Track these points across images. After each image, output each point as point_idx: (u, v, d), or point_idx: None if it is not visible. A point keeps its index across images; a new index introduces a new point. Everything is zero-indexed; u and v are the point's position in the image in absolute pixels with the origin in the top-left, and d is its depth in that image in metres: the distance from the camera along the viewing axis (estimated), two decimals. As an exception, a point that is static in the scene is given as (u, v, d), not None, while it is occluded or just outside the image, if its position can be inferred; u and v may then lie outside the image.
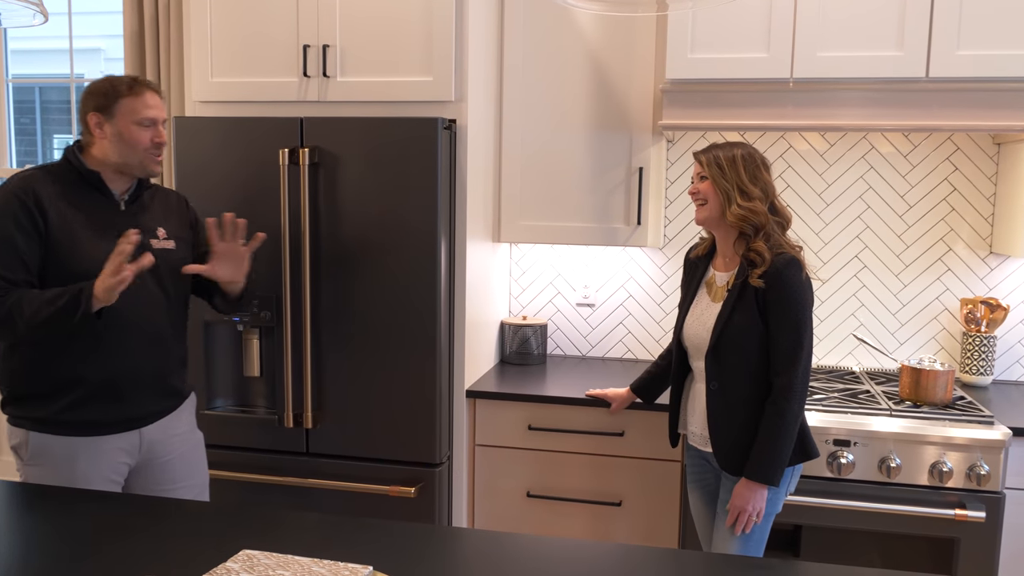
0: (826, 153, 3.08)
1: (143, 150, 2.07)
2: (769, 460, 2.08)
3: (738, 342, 2.12)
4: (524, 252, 3.35)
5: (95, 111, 2.07)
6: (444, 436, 2.73)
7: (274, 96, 2.77)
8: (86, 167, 2.07)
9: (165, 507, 1.80)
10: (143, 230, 2.13)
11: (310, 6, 2.70)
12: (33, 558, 1.55)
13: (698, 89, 2.69)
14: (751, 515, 2.11)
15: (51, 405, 2.04)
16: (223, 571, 1.38)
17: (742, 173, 2.13)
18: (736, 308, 2.13)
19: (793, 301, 2.08)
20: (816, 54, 2.61)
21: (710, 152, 2.18)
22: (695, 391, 2.27)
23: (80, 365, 2.04)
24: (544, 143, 2.99)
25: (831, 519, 2.50)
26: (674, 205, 3.21)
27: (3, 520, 1.72)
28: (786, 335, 2.08)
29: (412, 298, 2.64)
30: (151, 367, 2.14)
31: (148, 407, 2.15)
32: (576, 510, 2.78)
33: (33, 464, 2.06)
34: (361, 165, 2.62)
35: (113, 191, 2.11)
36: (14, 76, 3.89)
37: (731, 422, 2.15)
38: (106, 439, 2.09)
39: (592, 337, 3.34)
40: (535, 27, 2.95)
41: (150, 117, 2.07)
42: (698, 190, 2.20)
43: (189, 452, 2.27)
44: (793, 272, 2.08)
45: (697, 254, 2.33)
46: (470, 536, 1.67)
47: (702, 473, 2.33)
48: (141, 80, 2.10)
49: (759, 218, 2.12)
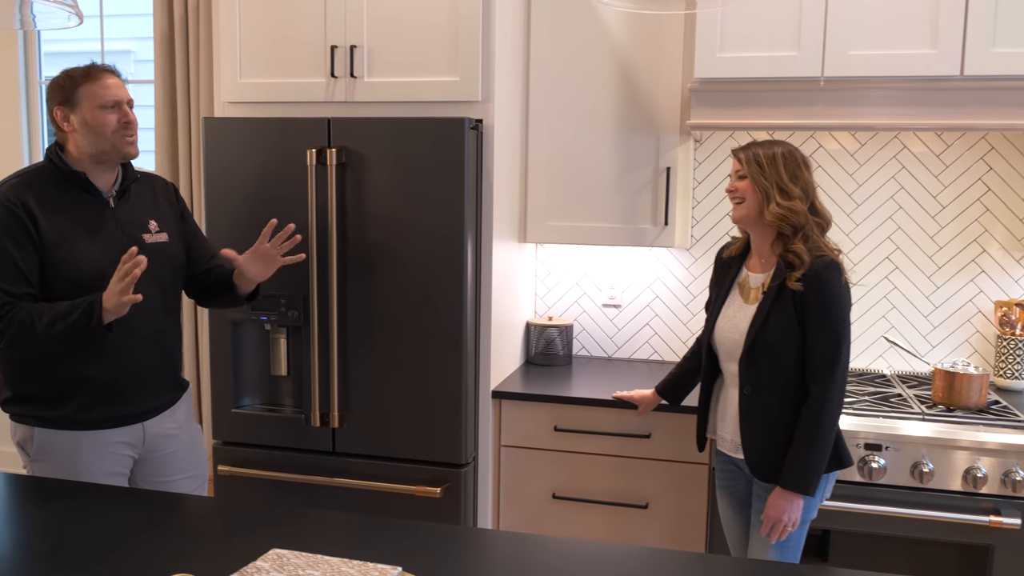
0: (857, 153, 3.04)
1: (112, 132, 2.04)
2: (805, 469, 2.04)
3: (773, 346, 2.08)
4: (550, 252, 3.34)
5: (59, 105, 2.05)
6: (470, 437, 2.73)
7: (302, 97, 2.78)
8: (70, 168, 2.06)
9: (195, 505, 1.81)
10: (134, 225, 2.13)
11: (338, 7, 2.71)
12: (64, 554, 1.57)
13: (727, 88, 2.67)
14: (786, 525, 2.07)
15: (59, 408, 2.07)
16: (253, 570, 1.38)
17: (782, 171, 2.09)
18: (772, 311, 2.08)
19: (832, 306, 2.03)
20: (847, 52, 2.57)
21: (749, 149, 2.14)
22: (726, 395, 2.24)
23: (87, 366, 2.06)
24: (570, 143, 2.98)
25: (861, 524, 2.46)
26: (702, 205, 3.18)
27: (31, 515, 1.74)
28: (824, 341, 2.04)
29: (438, 298, 2.64)
30: (153, 363, 2.17)
31: (151, 402, 2.19)
32: (602, 512, 2.76)
33: (39, 460, 2.09)
34: (388, 165, 2.62)
35: (100, 189, 2.10)
36: (47, 78, 3.95)
37: (764, 428, 2.11)
38: (110, 432, 2.12)
39: (618, 338, 3.32)
40: (562, 26, 2.94)
41: (112, 98, 2.04)
42: (736, 188, 2.15)
43: (189, 444, 2.30)
44: (833, 276, 2.04)
45: (730, 254, 2.28)
46: (497, 537, 1.66)
47: (732, 479, 2.29)
48: (97, 65, 2.08)
49: (798, 218, 2.07)
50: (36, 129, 3.93)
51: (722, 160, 3.14)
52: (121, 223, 2.12)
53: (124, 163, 2.15)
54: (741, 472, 2.26)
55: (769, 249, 2.16)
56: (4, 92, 3.91)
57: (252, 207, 2.72)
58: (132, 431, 2.16)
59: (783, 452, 2.09)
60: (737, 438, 2.18)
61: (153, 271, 2.13)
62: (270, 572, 1.38)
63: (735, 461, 2.25)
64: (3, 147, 3.95)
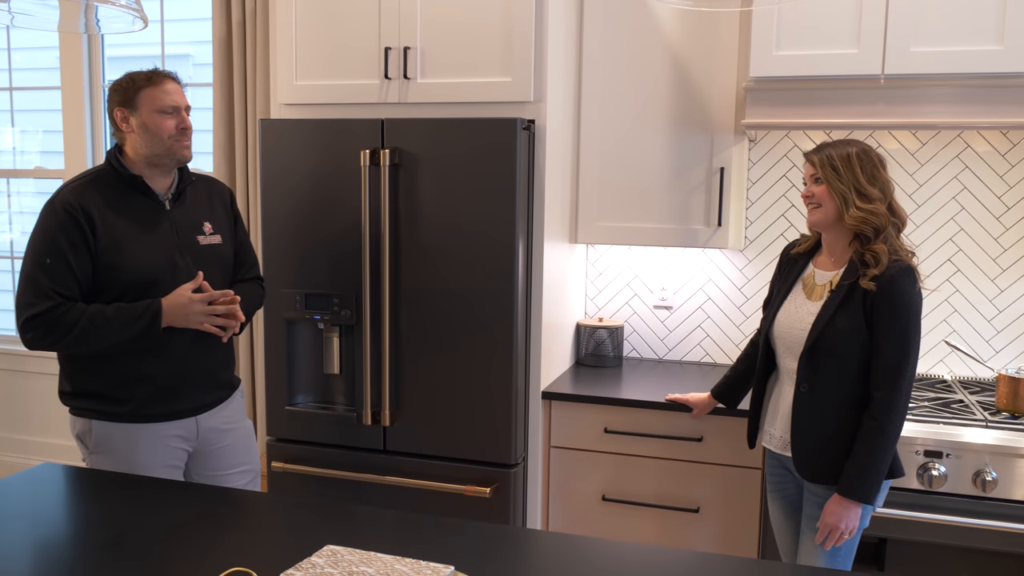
0: (918, 152, 2.96)
1: (168, 137, 2.11)
2: (866, 477, 1.99)
3: (837, 345, 2.03)
4: (600, 253, 3.32)
5: (119, 106, 2.12)
6: (519, 437, 2.73)
7: (356, 98, 2.81)
8: (128, 172, 2.13)
9: (250, 500, 1.84)
10: (189, 227, 2.20)
11: (392, 9, 2.74)
12: (122, 547, 1.61)
13: (783, 87, 2.62)
14: (843, 533, 2.03)
15: (117, 405, 2.13)
16: (308, 565, 1.40)
17: (859, 173, 2.03)
18: (840, 310, 2.03)
19: (903, 312, 1.98)
20: (909, 49, 2.51)
21: (823, 151, 2.07)
22: (780, 392, 2.20)
23: (143, 365, 2.13)
24: (623, 143, 2.96)
25: (919, 533, 2.40)
26: (755, 206, 3.13)
27: (89, 508, 1.79)
28: (892, 347, 1.98)
29: (489, 298, 2.64)
30: (206, 362, 2.23)
31: (204, 398, 2.25)
32: (652, 516, 2.74)
33: (97, 452, 2.15)
34: (440, 166, 2.64)
35: (157, 192, 2.17)
36: (110, 81, 4.06)
37: (818, 428, 2.07)
38: (165, 426, 2.18)
39: (669, 340, 3.29)
40: (615, 25, 2.93)
41: (171, 104, 2.11)
42: (812, 193, 2.09)
43: (242, 439, 2.36)
44: (908, 282, 1.99)
45: (798, 251, 2.24)
46: (548, 538, 1.66)
47: (782, 483, 2.26)
48: (159, 71, 2.15)
49: (880, 220, 2.01)
50: (99, 132, 4.04)
51: (777, 160, 3.09)
52: (176, 225, 2.18)
53: (180, 166, 2.22)
54: (791, 475, 2.22)
55: (843, 249, 2.10)
56: (69, 96, 4.02)
57: (307, 207, 2.76)
58: (186, 425, 2.22)
59: (833, 454, 2.05)
60: (787, 435, 2.15)
61: (207, 272, 2.20)
62: (325, 568, 1.39)
63: (784, 462, 2.22)
64: (69, 149, 4.06)
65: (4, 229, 4.46)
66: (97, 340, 2.03)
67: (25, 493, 1.86)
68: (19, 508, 1.77)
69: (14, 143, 4.39)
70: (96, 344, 2.04)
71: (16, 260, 4.41)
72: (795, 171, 3.08)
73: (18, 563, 1.53)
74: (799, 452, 2.10)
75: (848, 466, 2.01)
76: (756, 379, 2.28)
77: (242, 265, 2.42)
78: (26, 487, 1.90)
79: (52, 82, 4.19)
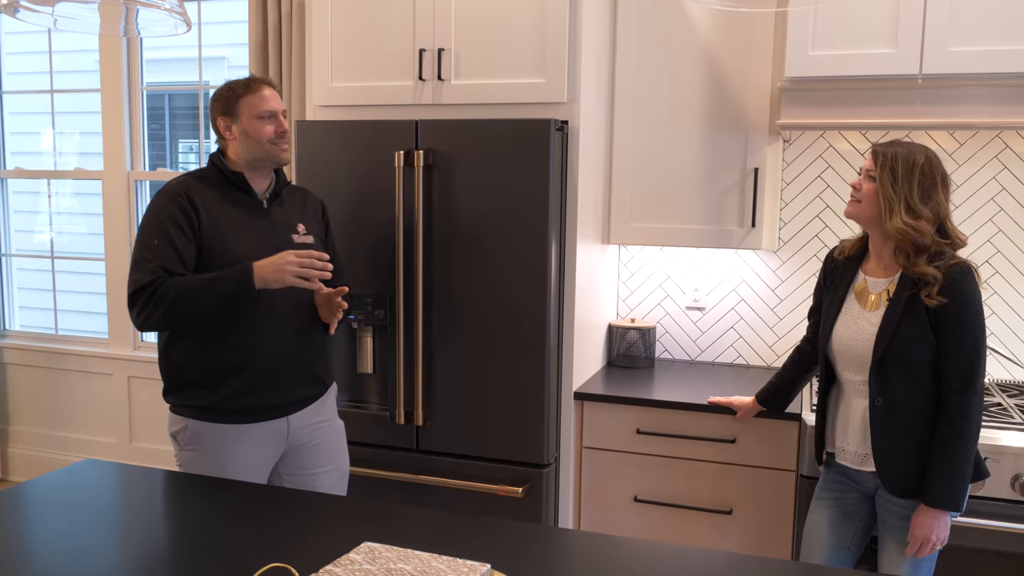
0: (955, 153, 2.93)
1: (268, 141, 2.20)
2: (954, 485, 1.95)
3: (907, 357, 1.98)
4: (633, 254, 3.32)
5: (221, 115, 2.22)
6: (552, 437, 2.74)
7: (390, 100, 2.84)
8: (230, 169, 2.22)
9: (288, 497, 1.87)
10: (284, 225, 2.27)
11: (426, 11, 2.76)
12: (167, 543, 1.64)
13: (819, 87, 2.61)
14: (935, 544, 1.98)
15: (212, 395, 2.18)
16: (347, 562, 1.42)
17: (915, 187, 1.96)
18: (904, 320, 1.99)
19: (969, 314, 1.94)
20: (947, 49, 2.48)
21: (891, 149, 2.00)
22: (848, 406, 2.14)
23: (238, 356, 2.17)
24: (656, 143, 2.95)
25: (958, 537, 2.37)
26: (790, 207, 3.11)
27: (127, 503, 1.82)
28: (963, 351, 1.95)
29: (522, 299, 2.65)
30: (298, 357, 2.26)
31: (294, 395, 2.27)
32: (684, 517, 2.73)
33: (188, 449, 2.20)
34: (474, 167, 2.65)
35: (256, 191, 2.25)
36: (148, 84, 4.12)
37: (898, 440, 2.02)
38: (255, 427, 2.21)
39: (702, 341, 3.28)
40: (649, 25, 2.92)
41: (269, 109, 2.20)
42: (858, 185, 2.04)
43: (332, 438, 2.39)
44: (970, 283, 1.95)
45: (843, 255, 2.18)
46: (583, 538, 1.67)
47: (843, 493, 2.19)
48: (256, 78, 2.23)
49: (923, 239, 1.96)
50: (137, 133, 4.11)
51: (812, 161, 3.07)
52: (273, 222, 2.25)
53: (277, 169, 2.30)
54: (855, 487, 2.17)
55: (891, 256, 2.06)
56: (108, 98, 4.09)
57: (342, 208, 2.78)
58: (276, 425, 2.25)
59: (917, 465, 2.01)
60: (863, 450, 2.09)
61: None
62: (363, 564, 1.41)
63: (852, 475, 2.16)
64: (108, 151, 4.13)
65: (44, 229, 4.55)
66: (195, 306, 2.05)
67: (65, 489, 1.90)
68: (59, 503, 1.81)
69: (54, 144, 4.48)
70: (195, 310, 2.05)
71: (57, 260, 4.50)
72: (830, 172, 3.06)
73: (56, 557, 1.56)
74: (885, 468, 2.04)
75: (931, 475, 1.96)
76: (820, 394, 2.23)
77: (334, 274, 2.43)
78: (66, 483, 1.94)
79: (92, 84, 4.27)
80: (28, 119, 4.51)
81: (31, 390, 4.49)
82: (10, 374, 4.51)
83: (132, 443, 4.31)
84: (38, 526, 1.69)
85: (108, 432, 4.36)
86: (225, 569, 1.51)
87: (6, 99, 4.45)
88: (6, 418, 4.56)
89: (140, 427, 4.30)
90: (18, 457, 4.55)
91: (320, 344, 2.33)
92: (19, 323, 4.59)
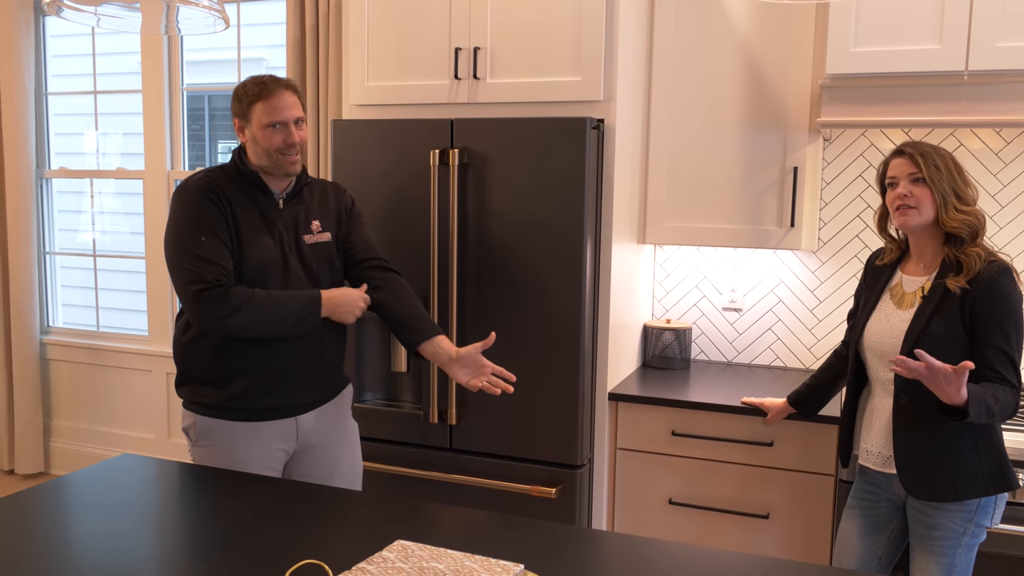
0: (1002, 152, 2.86)
1: (275, 151, 2.13)
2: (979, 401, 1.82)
3: (935, 352, 1.94)
4: (668, 254, 3.29)
5: (235, 116, 2.18)
6: (586, 438, 2.72)
7: (426, 99, 2.84)
8: (248, 168, 2.18)
9: (321, 494, 1.87)
10: (297, 225, 2.22)
11: (462, 10, 2.75)
12: (202, 537, 1.65)
13: (861, 84, 2.56)
14: (924, 376, 1.80)
15: (219, 393, 2.17)
16: (379, 559, 1.42)
17: (955, 174, 1.96)
18: (935, 315, 1.96)
19: (1005, 313, 1.90)
20: (994, 44, 2.42)
21: (921, 148, 1.99)
22: (875, 405, 2.11)
23: (246, 357, 2.16)
24: (693, 142, 2.92)
25: (1002, 545, 2.31)
26: (830, 207, 3.06)
27: (165, 498, 1.84)
28: (999, 350, 1.90)
29: (557, 298, 2.64)
30: (307, 359, 2.23)
31: (304, 397, 2.25)
32: (720, 520, 2.70)
33: (199, 445, 2.21)
34: (509, 166, 2.65)
35: (273, 190, 2.20)
36: (188, 85, 4.18)
37: (922, 441, 1.98)
38: (265, 425, 2.20)
39: (739, 343, 3.23)
40: (686, 22, 2.89)
41: (279, 119, 2.11)
42: (910, 193, 1.98)
43: (344, 441, 2.36)
44: (1009, 282, 1.91)
45: (884, 261, 2.16)
46: (616, 540, 1.65)
47: (873, 502, 2.15)
48: (271, 80, 2.13)
49: (980, 221, 1.96)
50: (177, 134, 4.16)
51: (853, 160, 3.01)
52: (285, 222, 2.21)
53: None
54: (884, 496, 2.12)
55: (933, 253, 2.03)
56: (150, 99, 4.15)
57: (377, 207, 2.79)
58: (285, 425, 2.23)
59: (941, 470, 1.96)
60: (886, 451, 2.06)
61: (310, 269, 2.23)
62: (396, 562, 1.41)
63: (879, 482, 2.12)
64: (149, 151, 4.20)
65: (87, 228, 4.63)
66: (262, 322, 2.06)
67: (104, 483, 1.93)
68: (98, 497, 1.84)
69: (97, 145, 4.56)
70: (259, 325, 2.06)
71: (99, 258, 4.58)
72: (872, 171, 3.00)
73: (95, 548, 1.58)
74: (905, 468, 2.00)
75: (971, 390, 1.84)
76: (847, 394, 2.19)
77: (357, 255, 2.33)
78: (105, 477, 1.97)
79: (134, 86, 4.34)
80: (72, 120, 4.60)
81: (73, 386, 4.57)
82: (53, 370, 4.60)
83: (170, 438, 4.37)
84: (78, 518, 1.71)
85: (147, 427, 4.42)
86: (258, 564, 1.52)
87: (51, 100, 4.53)
88: (48, 413, 4.65)
89: (178, 423, 4.35)
90: (60, 451, 4.63)
91: (333, 350, 2.29)
92: (62, 320, 4.68)
